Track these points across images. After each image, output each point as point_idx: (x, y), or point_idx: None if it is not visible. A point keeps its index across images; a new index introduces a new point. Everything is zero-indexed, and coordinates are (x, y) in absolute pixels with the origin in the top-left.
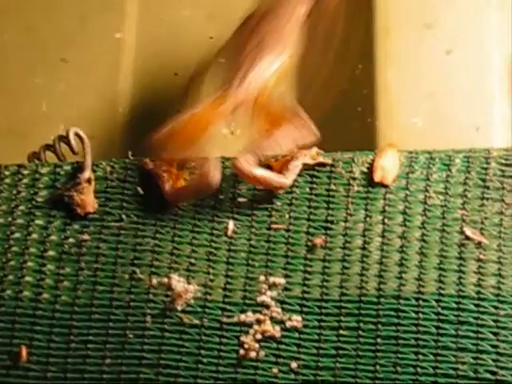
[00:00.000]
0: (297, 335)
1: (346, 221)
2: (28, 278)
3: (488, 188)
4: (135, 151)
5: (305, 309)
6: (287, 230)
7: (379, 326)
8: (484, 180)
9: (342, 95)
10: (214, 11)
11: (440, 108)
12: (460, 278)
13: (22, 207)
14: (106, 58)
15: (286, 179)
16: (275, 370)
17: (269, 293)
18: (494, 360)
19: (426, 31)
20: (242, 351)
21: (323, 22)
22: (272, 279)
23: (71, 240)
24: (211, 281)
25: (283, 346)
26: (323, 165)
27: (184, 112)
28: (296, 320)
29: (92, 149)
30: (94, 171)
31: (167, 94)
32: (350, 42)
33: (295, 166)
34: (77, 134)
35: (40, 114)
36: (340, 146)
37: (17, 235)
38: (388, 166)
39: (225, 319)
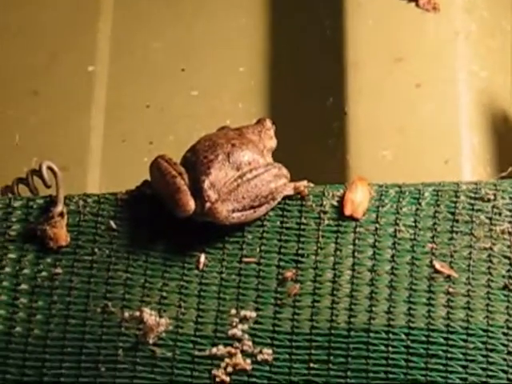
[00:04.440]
0: (267, 368)
1: (316, 254)
2: (1, 312)
3: (457, 221)
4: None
5: (275, 342)
6: (258, 264)
7: (349, 359)
8: (453, 213)
9: (312, 128)
10: (186, 43)
11: (409, 141)
12: (429, 311)
13: None
14: (79, 90)
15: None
16: None
17: (240, 326)
18: None
19: (395, 65)
20: None
21: None
22: (243, 312)
23: (44, 273)
24: (183, 314)
25: (254, 379)
26: (291, 197)
27: None
28: (267, 353)
29: (65, 181)
30: (66, 205)
31: (139, 126)
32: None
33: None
34: (49, 168)
35: (13, 147)
36: (310, 179)
37: None
38: (358, 200)
39: (196, 352)
